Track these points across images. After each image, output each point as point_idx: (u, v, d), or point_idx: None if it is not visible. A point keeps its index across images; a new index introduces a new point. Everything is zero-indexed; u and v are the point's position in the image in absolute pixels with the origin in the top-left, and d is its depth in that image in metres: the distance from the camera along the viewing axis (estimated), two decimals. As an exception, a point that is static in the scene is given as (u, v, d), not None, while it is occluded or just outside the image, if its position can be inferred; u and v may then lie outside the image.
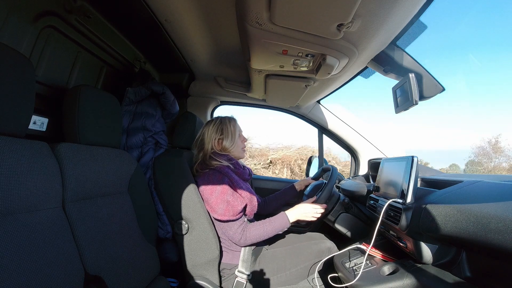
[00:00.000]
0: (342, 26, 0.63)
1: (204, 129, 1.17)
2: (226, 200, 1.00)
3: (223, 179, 1.04)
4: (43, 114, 0.92)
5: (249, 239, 1.03)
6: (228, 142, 1.14)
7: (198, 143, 1.16)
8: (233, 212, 1.00)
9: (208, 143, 1.13)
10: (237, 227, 1.03)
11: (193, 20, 0.93)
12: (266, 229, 1.05)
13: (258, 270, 1.07)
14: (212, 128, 1.15)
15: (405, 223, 0.74)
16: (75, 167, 0.71)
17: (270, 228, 1.05)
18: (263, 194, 1.73)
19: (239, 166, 1.15)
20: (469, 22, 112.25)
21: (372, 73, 1.14)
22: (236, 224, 1.03)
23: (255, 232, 1.04)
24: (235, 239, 1.03)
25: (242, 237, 1.02)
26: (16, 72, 0.58)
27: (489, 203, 0.56)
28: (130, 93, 1.17)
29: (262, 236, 1.04)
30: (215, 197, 1.01)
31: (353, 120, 1.65)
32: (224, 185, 1.02)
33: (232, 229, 1.03)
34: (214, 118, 1.20)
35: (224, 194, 1.01)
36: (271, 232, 1.05)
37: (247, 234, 1.03)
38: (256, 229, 1.04)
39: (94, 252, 0.71)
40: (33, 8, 0.79)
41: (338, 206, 1.25)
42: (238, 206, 1.01)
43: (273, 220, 1.07)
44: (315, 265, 1.06)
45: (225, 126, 1.15)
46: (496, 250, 0.51)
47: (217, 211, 1.01)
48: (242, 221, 1.05)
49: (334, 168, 1.30)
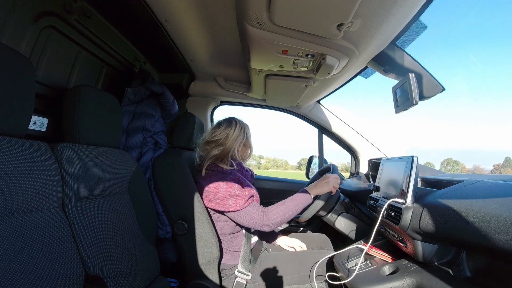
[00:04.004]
0: (342, 26, 0.63)
1: (226, 130, 1.11)
2: (233, 194, 0.98)
3: (227, 177, 1.02)
4: (43, 114, 0.92)
5: (273, 219, 0.99)
6: (248, 148, 1.18)
7: (214, 141, 1.10)
8: (243, 201, 0.98)
9: (232, 144, 1.10)
10: (255, 211, 0.99)
11: (193, 20, 0.93)
12: (289, 205, 1.01)
13: (259, 271, 1.06)
14: (237, 131, 1.12)
15: (405, 223, 0.74)
16: (75, 167, 0.71)
17: (293, 203, 1.02)
18: (264, 194, 1.73)
19: (243, 168, 1.15)
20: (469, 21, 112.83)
21: (372, 73, 1.14)
22: (252, 208, 0.99)
23: (278, 210, 1.00)
24: (258, 223, 0.98)
25: (264, 218, 0.98)
26: (16, 72, 0.58)
27: (489, 203, 0.56)
28: (130, 93, 1.17)
29: (286, 213, 1.00)
30: (222, 194, 0.99)
31: (353, 120, 1.65)
32: (229, 181, 1.01)
33: (250, 214, 0.99)
34: (231, 120, 1.15)
35: (230, 188, 0.99)
36: (294, 208, 1.02)
37: (269, 214, 0.99)
38: (278, 207, 1.01)
39: (94, 252, 0.71)
40: (33, 8, 0.79)
41: (338, 206, 1.25)
42: (246, 195, 0.99)
43: (294, 197, 1.05)
44: (314, 266, 1.05)
45: (248, 132, 1.17)
46: (496, 250, 0.51)
47: (228, 206, 0.98)
48: (256, 205, 1.02)
49: (334, 166, 1.30)
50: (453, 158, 28.70)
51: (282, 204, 1.03)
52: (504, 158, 61.22)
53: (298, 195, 1.05)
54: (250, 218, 0.99)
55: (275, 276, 1.05)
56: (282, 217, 1.00)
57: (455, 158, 33.22)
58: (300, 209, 1.04)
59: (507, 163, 67.56)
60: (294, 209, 1.02)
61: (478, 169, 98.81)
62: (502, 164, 78.22)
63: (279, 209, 1.00)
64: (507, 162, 59.21)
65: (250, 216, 0.99)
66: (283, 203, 1.03)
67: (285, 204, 1.02)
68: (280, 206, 1.02)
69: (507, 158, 63.16)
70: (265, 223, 0.98)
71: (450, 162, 26.48)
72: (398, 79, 0.96)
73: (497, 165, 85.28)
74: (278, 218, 0.99)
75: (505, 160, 63.64)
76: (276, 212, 0.99)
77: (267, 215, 0.99)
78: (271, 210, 1.00)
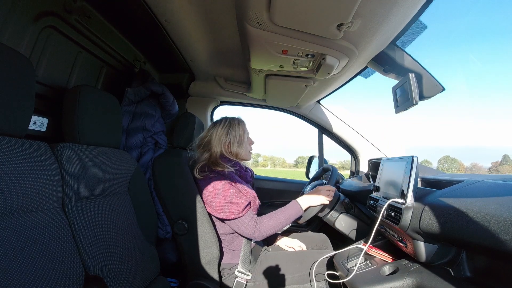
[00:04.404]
0: (342, 26, 0.63)
1: (212, 130, 1.10)
2: (229, 201, 0.99)
3: (224, 180, 1.02)
4: (43, 114, 0.92)
5: (264, 231, 1.01)
6: (237, 146, 1.10)
7: (203, 144, 1.11)
8: (238, 210, 0.99)
9: (216, 145, 1.08)
10: (248, 221, 1.01)
11: (193, 20, 0.93)
12: (279, 219, 1.03)
13: (259, 271, 1.06)
14: (222, 130, 1.09)
15: (405, 223, 0.74)
16: (75, 167, 0.71)
17: (283, 217, 1.04)
18: (264, 195, 1.73)
19: (242, 168, 1.13)
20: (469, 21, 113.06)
21: (372, 73, 1.14)
22: (246, 219, 1.01)
23: (269, 222, 1.02)
24: (249, 233, 1.01)
25: (256, 230, 1.00)
26: (16, 72, 0.58)
27: (489, 203, 0.56)
28: (130, 93, 1.17)
29: (277, 226, 1.03)
30: (218, 199, 1.00)
31: (353, 120, 1.65)
32: (226, 186, 1.01)
33: (244, 225, 1.00)
34: (222, 119, 1.14)
35: (227, 195, 0.99)
36: (284, 221, 1.04)
37: (260, 226, 1.01)
38: (270, 219, 1.03)
39: (94, 252, 0.71)
40: (33, 8, 0.80)
41: (338, 206, 1.25)
42: (242, 204, 0.99)
43: (285, 209, 1.06)
44: (314, 265, 1.05)
45: (235, 128, 1.10)
46: (496, 250, 0.51)
47: (223, 212, 0.99)
48: (251, 215, 1.03)
49: (334, 168, 1.30)
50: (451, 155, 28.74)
51: (273, 216, 1.04)
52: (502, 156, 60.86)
53: (289, 208, 1.07)
54: (243, 228, 1.01)
55: (275, 276, 1.05)
56: (272, 230, 1.03)
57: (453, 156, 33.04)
58: (290, 221, 1.06)
59: (505, 160, 67.22)
60: (284, 222, 1.04)
61: (476, 166, 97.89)
62: (500, 161, 78.06)
63: (270, 222, 1.03)
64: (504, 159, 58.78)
65: (243, 226, 1.01)
66: (274, 216, 1.04)
67: (276, 217, 1.04)
68: (272, 219, 1.04)
69: (505, 156, 62.83)
70: (256, 235, 1.01)
71: (447, 159, 26.68)
72: (398, 79, 0.96)
73: (495, 163, 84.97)
74: (268, 231, 1.02)
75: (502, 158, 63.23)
76: (267, 226, 1.02)
77: (258, 228, 1.01)
78: (263, 223, 1.02)
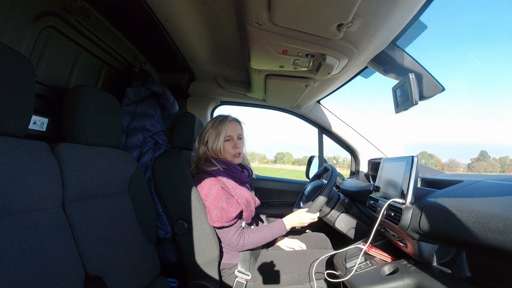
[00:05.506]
0: (342, 26, 0.63)
1: (203, 131, 1.14)
2: (220, 207, 0.99)
3: (217, 184, 1.02)
4: (43, 114, 0.92)
5: (247, 245, 1.04)
6: (212, 143, 1.07)
7: (195, 145, 1.16)
8: (227, 219, 0.99)
9: (200, 144, 1.11)
10: (233, 233, 1.03)
11: (193, 20, 0.93)
12: (264, 235, 1.07)
13: (259, 270, 1.06)
14: (207, 129, 1.10)
15: (405, 223, 0.74)
16: (75, 167, 0.71)
17: (268, 234, 1.08)
18: (264, 195, 1.73)
19: (237, 169, 1.10)
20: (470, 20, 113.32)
21: (372, 73, 1.14)
22: (231, 230, 1.04)
23: (253, 237, 1.05)
24: (232, 245, 1.04)
25: (239, 242, 1.03)
26: (16, 72, 0.58)
27: (489, 203, 0.56)
28: (130, 93, 1.17)
29: (260, 242, 1.07)
30: (209, 203, 1.01)
31: (353, 120, 1.65)
32: (219, 190, 1.01)
33: (228, 235, 1.03)
34: (214, 117, 1.16)
35: (219, 200, 1.00)
36: (268, 238, 1.08)
37: (245, 239, 1.04)
38: (254, 235, 1.05)
39: (94, 252, 0.71)
40: (33, 8, 0.79)
41: (338, 206, 1.25)
42: (232, 212, 1.00)
43: (271, 227, 1.10)
44: (313, 264, 1.05)
45: (215, 125, 1.08)
46: (496, 250, 0.51)
47: (211, 217, 1.01)
48: (237, 227, 1.05)
49: (333, 168, 1.30)
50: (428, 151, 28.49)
51: (259, 231, 1.07)
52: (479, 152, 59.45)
53: (275, 227, 1.10)
54: (227, 237, 1.04)
55: (275, 275, 1.05)
56: (255, 245, 1.06)
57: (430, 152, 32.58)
58: (274, 238, 1.10)
59: (482, 156, 65.90)
60: (268, 239, 1.08)
61: (454, 162, 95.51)
62: (477, 157, 76.68)
63: (255, 238, 1.05)
64: (482, 155, 57.47)
65: (227, 235, 1.03)
66: (260, 231, 1.07)
67: (261, 233, 1.06)
68: (256, 234, 1.06)
69: (482, 152, 61.49)
70: (238, 247, 1.04)
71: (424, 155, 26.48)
72: (398, 79, 0.96)
73: (474, 159, 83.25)
74: (251, 245, 1.05)
75: (480, 154, 61.95)
76: (251, 242, 1.04)
77: (242, 240, 1.04)
78: (248, 237, 1.04)
